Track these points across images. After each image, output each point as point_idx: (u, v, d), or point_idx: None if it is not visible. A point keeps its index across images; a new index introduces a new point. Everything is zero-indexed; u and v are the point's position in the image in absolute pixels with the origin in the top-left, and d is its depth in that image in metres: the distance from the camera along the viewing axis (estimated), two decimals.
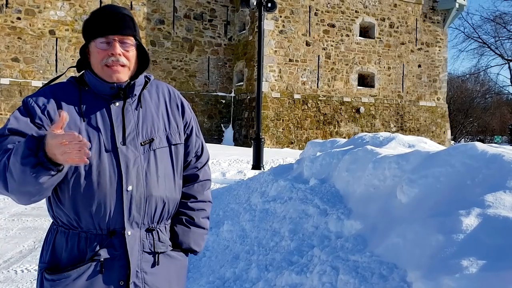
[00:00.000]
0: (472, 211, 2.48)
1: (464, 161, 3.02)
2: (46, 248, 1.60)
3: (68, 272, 1.53)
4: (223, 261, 4.15)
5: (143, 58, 1.67)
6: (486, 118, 47.82)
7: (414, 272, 2.36)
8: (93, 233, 1.55)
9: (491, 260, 2.14)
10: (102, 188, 1.53)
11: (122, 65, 1.58)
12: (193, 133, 1.79)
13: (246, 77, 22.45)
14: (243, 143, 21.91)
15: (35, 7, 19.41)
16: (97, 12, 1.59)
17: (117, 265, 1.56)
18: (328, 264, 2.89)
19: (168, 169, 1.67)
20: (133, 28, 1.60)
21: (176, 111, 1.74)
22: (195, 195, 1.80)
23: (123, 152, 1.56)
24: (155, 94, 1.72)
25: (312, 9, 22.44)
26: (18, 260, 4.64)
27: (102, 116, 1.58)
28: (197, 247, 1.80)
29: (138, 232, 1.59)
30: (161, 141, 1.65)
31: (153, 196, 1.61)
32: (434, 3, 25.82)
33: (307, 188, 4.64)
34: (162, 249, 1.66)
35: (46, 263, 1.58)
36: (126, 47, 1.58)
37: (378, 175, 3.66)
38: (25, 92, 19.14)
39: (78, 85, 1.63)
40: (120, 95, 1.60)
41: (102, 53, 1.56)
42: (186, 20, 22.36)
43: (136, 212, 1.58)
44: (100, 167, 1.53)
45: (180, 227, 1.75)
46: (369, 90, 24.15)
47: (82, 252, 1.54)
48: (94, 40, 1.57)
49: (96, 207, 1.53)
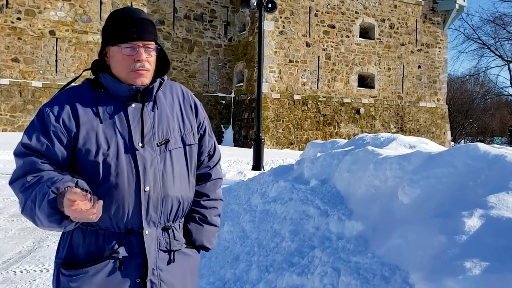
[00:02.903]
0: (475, 212, 2.46)
1: (466, 162, 3.00)
2: (63, 244, 1.63)
3: (86, 268, 1.57)
4: (223, 262, 4.14)
5: (162, 60, 1.71)
6: (486, 119, 47.85)
7: (416, 273, 2.34)
8: (111, 232, 1.59)
9: (494, 262, 2.12)
10: (121, 190, 1.56)
11: (147, 70, 1.62)
12: (206, 133, 1.83)
13: (246, 78, 22.45)
14: (243, 144, 21.90)
15: (35, 7, 19.41)
16: (119, 17, 1.61)
17: (134, 263, 1.60)
18: (329, 265, 2.87)
19: (183, 169, 1.71)
20: (154, 33, 1.65)
21: (190, 112, 1.78)
22: (208, 193, 1.84)
23: (141, 153, 1.60)
24: (169, 95, 1.75)
25: (312, 10, 22.44)
26: (17, 261, 4.62)
27: (119, 118, 1.61)
28: (209, 244, 1.84)
29: (155, 231, 1.63)
30: (176, 142, 1.69)
31: (170, 196, 1.64)
32: (434, 4, 25.84)
33: (308, 189, 4.62)
34: (177, 247, 1.70)
35: (62, 258, 1.61)
36: (149, 52, 1.62)
37: (379, 176, 3.64)
38: (25, 92, 19.14)
39: (94, 87, 1.65)
40: (138, 97, 1.63)
41: (128, 59, 1.59)
42: (186, 21, 22.37)
43: (153, 212, 1.61)
44: (119, 168, 1.56)
45: (193, 225, 1.79)
46: (369, 91, 24.15)
47: (100, 249, 1.58)
48: (117, 45, 1.59)
49: (115, 209, 1.57)
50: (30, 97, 19.31)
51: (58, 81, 19.75)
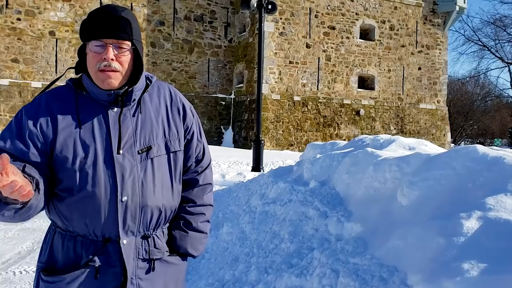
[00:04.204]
0: (473, 214, 2.47)
1: (465, 164, 3.01)
2: (45, 248, 1.61)
3: (63, 275, 1.53)
4: (222, 263, 4.14)
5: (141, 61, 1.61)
6: (486, 121, 47.84)
7: (414, 275, 2.35)
8: (89, 239, 1.54)
9: (493, 264, 2.12)
10: (97, 199, 1.51)
11: (114, 70, 1.52)
12: (194, 138, 1.76)
13: (246, 79, 22.46)
14: (243, 145, 21.90)
15: (35, 8, 19.42)
16: (95, 13, 1.53)
17: (112, 271, 1.55)
18: (328, 266, 2.88)
19: (165, 177, 1.64)
20: (130, 32, 1.53)
21: (177, 116, 1.70)
22: (194, 199, 1.77)
23: (119, 162, 1.53)
24: (156, 97, 1.68)
25: (313, 11, 22.46)
26: (16, 262, 4.62)
27: (99, 124, 1.55)
28: (195, 251, 1.77)
29: (133, 240, 1.58)
30: (159, 149, 1.62)
31: (149, 206, 1.58)
32: (435, 6, 25.85)
33: (307, 190, 4.62)
34: (158, 255, 1.64)
35: (43, 263, 1.59)
36: (120, 51, 1.52)
37: (379, 178, 3.65)
38: (25, 93, 19.15)
39: (75, 90, 1.58)
40: (118, 101, 1.56)
41: (96, 57, 1.51)
42: (186, 22, 22.38)
43: (131, 222, 1.56)
44: (96, 178, 1.50)
45: (177, 232, 1.72)
46: (369, 92, 24.16)
47: (78, 256, 1.54)
48: (89, 42, 1.53)
49: (91, 217, 1.52)
50: (30, 98, 19.31)
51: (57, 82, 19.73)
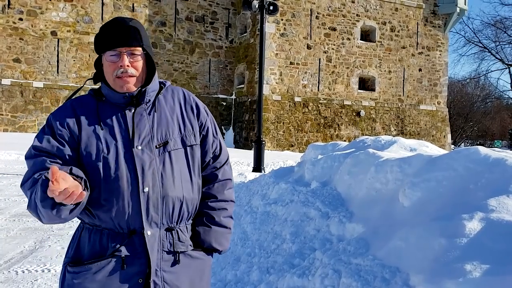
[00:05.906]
0: (475, 215, 2.48)
1: (467, 165, 3.02)
2: (72, 244, 1.69)
3: (89, 265, 1.61)
4: (224, 264, 4.15)
5: (153, 64, 1.75)
6: (486, 123, 47.83)
7: (416, 275, 2.36)
8: (115, 232, 1.63)
9: (495, 265, 2.13)
10: (120, 191, 1.61)
11: (131, 76, 1.66)
12: (209, 134, 1.84)
13: (247, 80, 22.47)
14: (244, 146, 21.92)
15: (37, 8, 19.45)
16: (106, 26, 1.68)
17: (138, 262, 1.63)
18: (330, 267, 2.89)
19: (184, 170, 1.73)
20: (140, 39, 1.67)
21: (191, 114, 1.81)
22: (215, 194, 1.84)
23: (139, 156, 1.64)
24: (171, 99, 1.80)
25: (314, 13, 22.48)
26: (18, 261, 4.63)
27: (118, 123, 1.68)
28: (219, 246, 1.83)
29: (157, 232, 1.66)
30: (175, 143, 1.72)
31: (170, 196, 1.67)
32: (435, 8, 25.87)
33: (309, 191, 4.63)
34: (182, 248, 1.71)
35: (70, 257, 1.67)
36: (133, 58, 1.66)
37: (380, 179, 3.66)
38: (26, 93, 19.17)
39: (96, 97, 1.73)
40: (134, 101, 1.69)
41: (112, 66, 1.66)
42: (188, 23, 22.41)
43: (154, 212, 1.64)
44: (118, 171, 1.62)
45: (201, 227, 1.80)
46: (369, 93, 24.17)
47: (103, 248, 1.62)
48: (104, 53, 1.67)
49: (116, 210, 1.61)
50: (32, 98, 19.34)
51: (59, 82, 19.79)
